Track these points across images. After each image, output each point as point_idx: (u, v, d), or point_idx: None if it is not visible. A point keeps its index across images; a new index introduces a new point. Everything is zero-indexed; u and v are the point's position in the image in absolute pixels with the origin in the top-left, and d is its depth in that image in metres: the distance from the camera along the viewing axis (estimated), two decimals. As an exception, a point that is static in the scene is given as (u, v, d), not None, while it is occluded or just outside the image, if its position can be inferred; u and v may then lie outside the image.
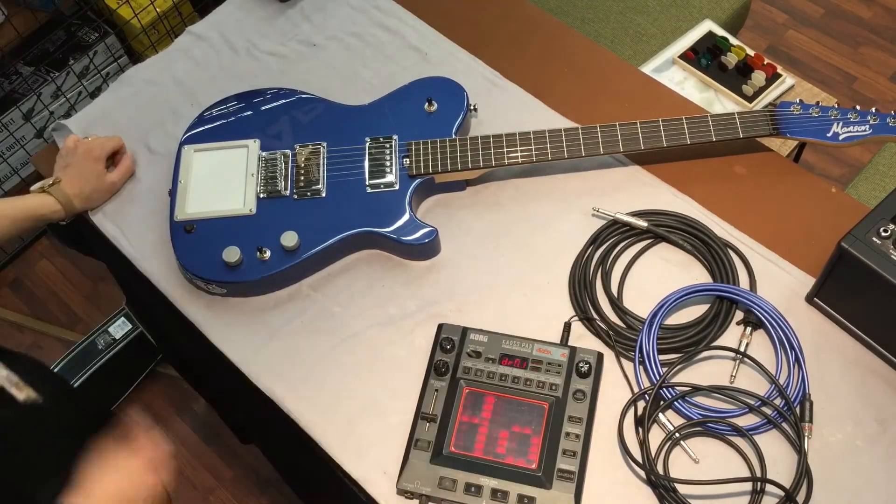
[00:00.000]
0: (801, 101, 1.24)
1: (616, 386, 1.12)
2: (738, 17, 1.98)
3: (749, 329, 1.13)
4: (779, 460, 1.05)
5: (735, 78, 1.71)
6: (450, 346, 1.13)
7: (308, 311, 1.21)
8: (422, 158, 1.24)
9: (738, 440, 1.07)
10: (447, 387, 1.10)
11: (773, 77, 1.71)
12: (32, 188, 1.25)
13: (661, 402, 1.08)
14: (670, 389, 1.08)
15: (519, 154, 1.24)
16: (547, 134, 1.24)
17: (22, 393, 0.93)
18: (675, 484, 1.03)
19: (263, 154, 1.28)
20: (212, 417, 1.98)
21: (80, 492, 0.90)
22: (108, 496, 0.91)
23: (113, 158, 1.33)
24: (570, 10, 1.94)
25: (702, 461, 1.06)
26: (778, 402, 1.08)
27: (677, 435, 1.06)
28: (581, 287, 1.19)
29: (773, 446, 1.06)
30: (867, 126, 1.20)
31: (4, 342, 1.29)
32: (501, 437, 1.06)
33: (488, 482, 1.03)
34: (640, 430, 1.06)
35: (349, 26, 1.50)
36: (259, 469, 2.02)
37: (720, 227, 1.23)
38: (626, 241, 1.22)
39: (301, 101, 1.34)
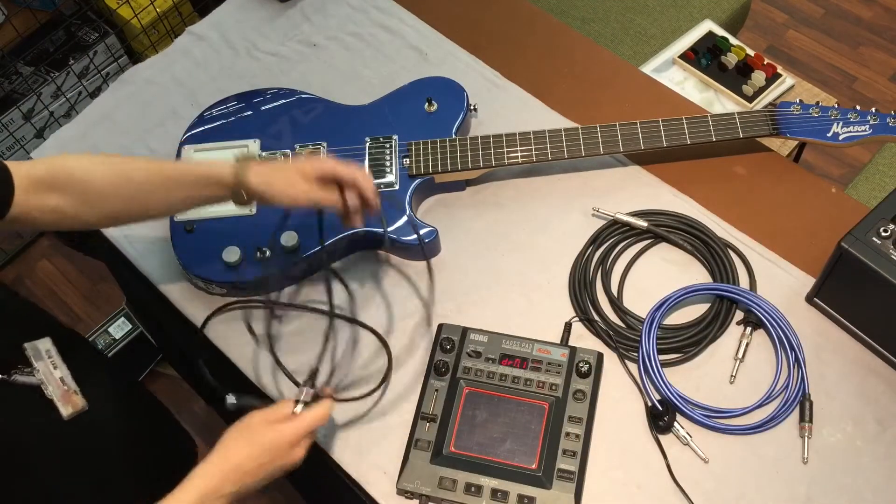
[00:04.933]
0: (801, 101, 1.24)
1: (616, 386, 1.12)
2: (738, 17, 1.98)
3: (749, 329, 1.13)
4: (781, 459, 1.05)
5: (735, 78, 1.71)
6: (450, 346, 1.13)
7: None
8: (422, 158, 1.24)
9: (742, 439, 1.07)
10: (447, 387, 1.10)
11: (773, 77, 1.71)
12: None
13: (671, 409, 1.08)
14: (676, 395, 1.08)
15: (519, 154, 1.24)
16: (547, 134, 1.24)
17: (68, 406, 0.91)
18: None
19: (263, 154, 1.28)
20: (212, 417, 1.98)
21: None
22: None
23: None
24: (570, 10, 1.94)
25: (710, 460, 1.06)
26: (778, 401, 1.08)
27: (687, 436, 1.06)
28: (581, 287, 1.19)
29: (774, 445, 1.06)
30: (867, 126, 1.20)
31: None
32: (501, 437, 1.06)
33: (488, 482, 1.03)
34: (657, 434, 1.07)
35: (349, 26, 1.50)
36: (259, 469, 2.01)
37: (720, 227, 1.23)
38: (626, 241, 1.22)
39: (301, 101, 1.34)
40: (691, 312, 1.17)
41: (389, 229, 1.20)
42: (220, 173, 1.00)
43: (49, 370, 0.90)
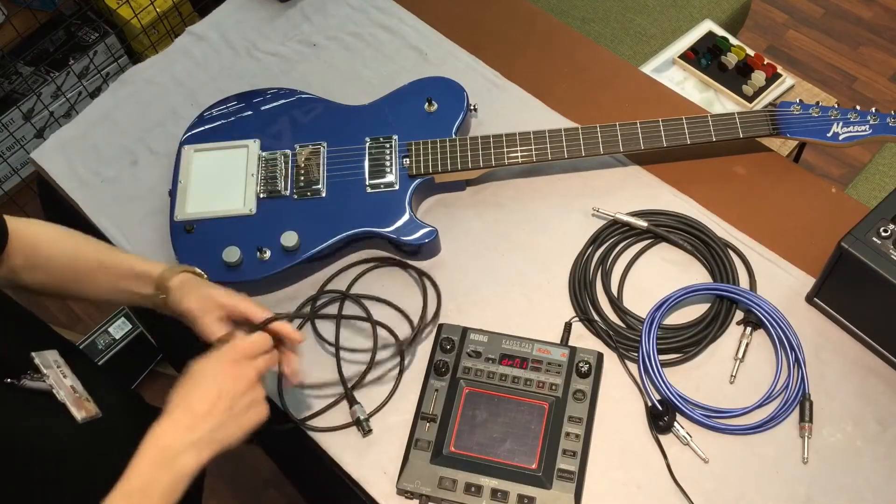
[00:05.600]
0: (801, 101, 1.24)
1: (616, 386, 1.12)
2: (738, 17, 1.98)
3: (749, 329, 1.13)
4: (781, 459, 1.05)
5: (735, 78, 1.71)
6: (450, 346, 1.13)
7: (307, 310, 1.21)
8: (422, 158, 1.24)
9: (742, 439, 1.07)
10: (447, 387, 1.10)
11: (773, 77, 1.71)
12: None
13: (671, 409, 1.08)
14: (676, 395, 1.08)
15: (519, 154, 1.24)
16: (547, 134, 1.24)
17: (81, 411, 0.89)
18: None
19: (263, 154, 1.28)
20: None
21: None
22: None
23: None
24: (570, 10, 1.94)
25: (710, 460, 1.06)
26: (778, 401, 1.08)
27: (687, 436, 1.06)
28: (581, 287, 1.19)
29: (774, 445, 1.06)
30: (867, 126, 1.20)
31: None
32: (501, 437, 1.06)
33: (488, 482, 1.03)
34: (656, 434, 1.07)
35: (349, 26, 1.50)
36: (259, 469, 2.02)
37: (720, 227, 1.23)
38: (626, 241, 1.22)
39: (301, 101, 1.34)
40: (691, 312, 1.17)
41: (389, 229, 1.20)
42: (148, 270, 1.02)
43: (59, 378, 0.89)
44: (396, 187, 1.23)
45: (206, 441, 0.84)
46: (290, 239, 1.19)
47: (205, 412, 0.84)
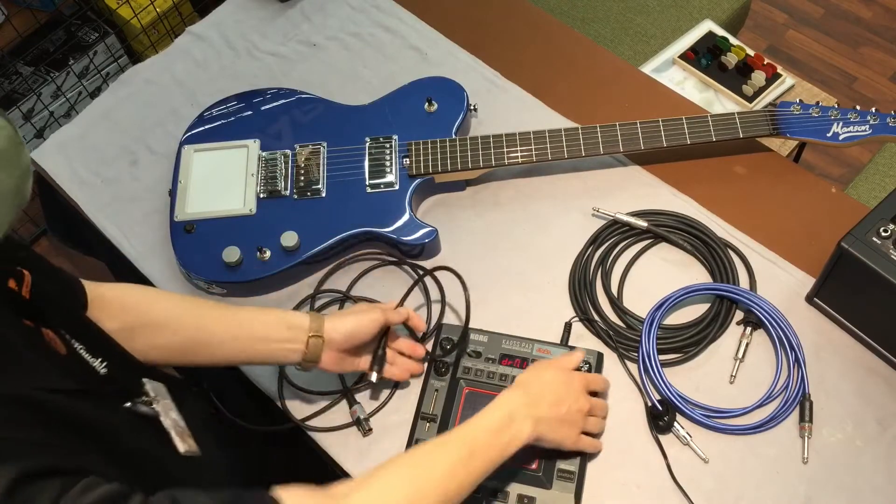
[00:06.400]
0: (801, 101, 1.24)
1: (616, 386, 1.11)
2: (738, 17, 1.98)
3: (749, 329, 1.13)
4: (781, 459, 1.05)
5: (735, 78, 1.71)
6: (450, 346, 1.13)
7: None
8: (422, 158, 1.24)
9: (742, 439, 1.07)
10: (447, 387, 1.10)
11: (773, 77, 1.71)
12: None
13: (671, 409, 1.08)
14: (676, 395, 1.08)
15: (519, 154, 1.24)
16: (547, 134, 1.24)
17: (185, 444, 0.87)
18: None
19: (263, 154, 1.28)
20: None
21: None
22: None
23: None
24: (570, 10, 1.94)
25: (710, 460, 1.06)
26: (778, 401, 1.08)
27: (687, 436, 1.06)
28: (581, 287, 1.19)
29: (774, 445, 1.06)
30: (867, 126, 1.20)
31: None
32: (501, 437, 1.06)
33: (488, 482, 1.03)
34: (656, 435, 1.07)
35: (349, 26, 1.50)
36: (259, 469, 2.01)
37: (720, 227, 1.23)
38: (626, 241, 1.22)
39: (301, 101, 1.34)
40: (691, 312, 1.17)
41: (389, 229, 1.20)
42: (297, 316, 1.02)
43: (166, 408, 0.89)
44: (396, 187, 1.23)
45: (544, 420, 0.95)
46: (290, 239, 1.19)
47: (545, 398, 0.96)
